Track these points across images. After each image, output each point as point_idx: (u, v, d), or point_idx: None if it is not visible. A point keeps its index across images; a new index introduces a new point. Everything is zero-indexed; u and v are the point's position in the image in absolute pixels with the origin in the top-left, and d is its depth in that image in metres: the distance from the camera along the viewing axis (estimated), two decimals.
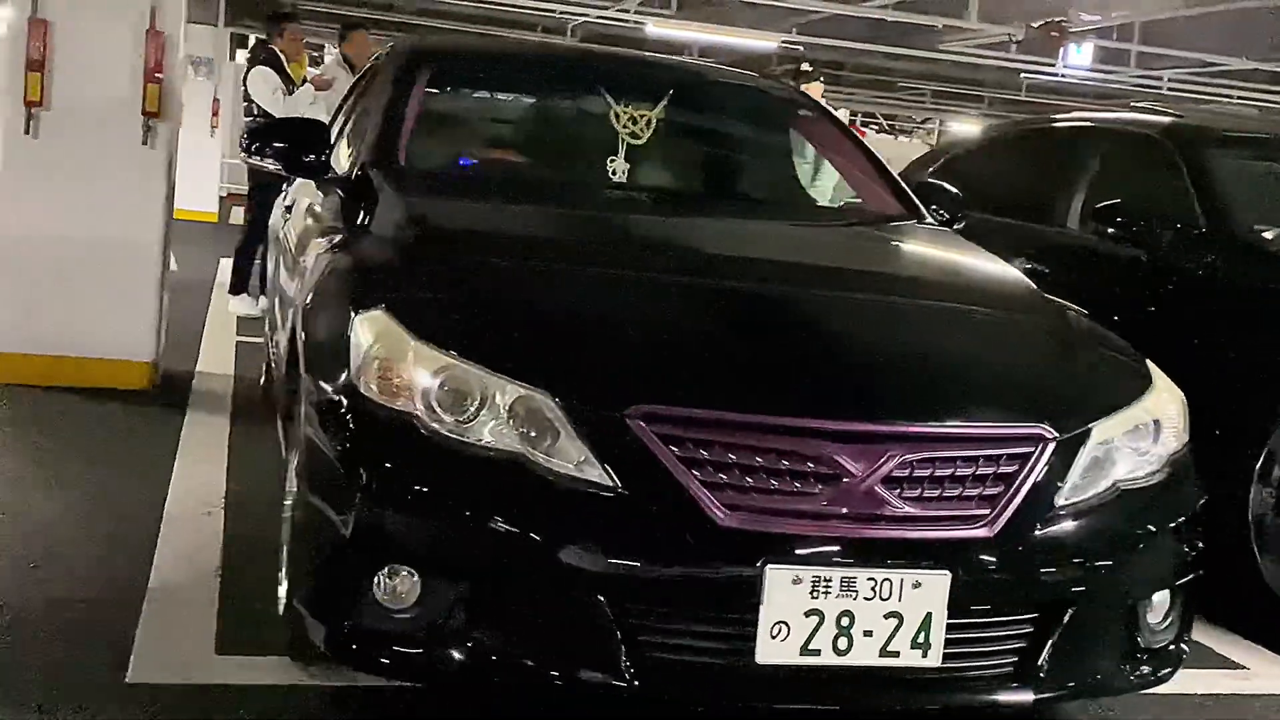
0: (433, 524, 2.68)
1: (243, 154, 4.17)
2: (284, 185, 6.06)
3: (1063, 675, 2.83)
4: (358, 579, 2.70)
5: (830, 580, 2.62)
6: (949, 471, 2.71)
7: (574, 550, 2.61)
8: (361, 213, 3.59)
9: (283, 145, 3.98)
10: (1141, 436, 2.98)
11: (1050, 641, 2.80)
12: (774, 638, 2.61)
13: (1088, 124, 6.06)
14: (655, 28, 14.19)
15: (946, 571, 2.67)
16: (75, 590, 3.56)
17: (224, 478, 4.72)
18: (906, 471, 2.68)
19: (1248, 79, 16.30)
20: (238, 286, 8.62)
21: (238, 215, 14.65)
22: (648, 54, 5.62)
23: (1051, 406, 2.88)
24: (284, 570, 3.28)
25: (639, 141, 4.23)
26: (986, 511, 2.72)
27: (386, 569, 2.69)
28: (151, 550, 3.90)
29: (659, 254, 3.52)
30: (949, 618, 2.68)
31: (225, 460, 4.96)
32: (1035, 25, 13.57)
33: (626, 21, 14.85)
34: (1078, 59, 14.75)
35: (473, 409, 2.70)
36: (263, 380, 6.01)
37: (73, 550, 3.85)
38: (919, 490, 2.69)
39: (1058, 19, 13.44)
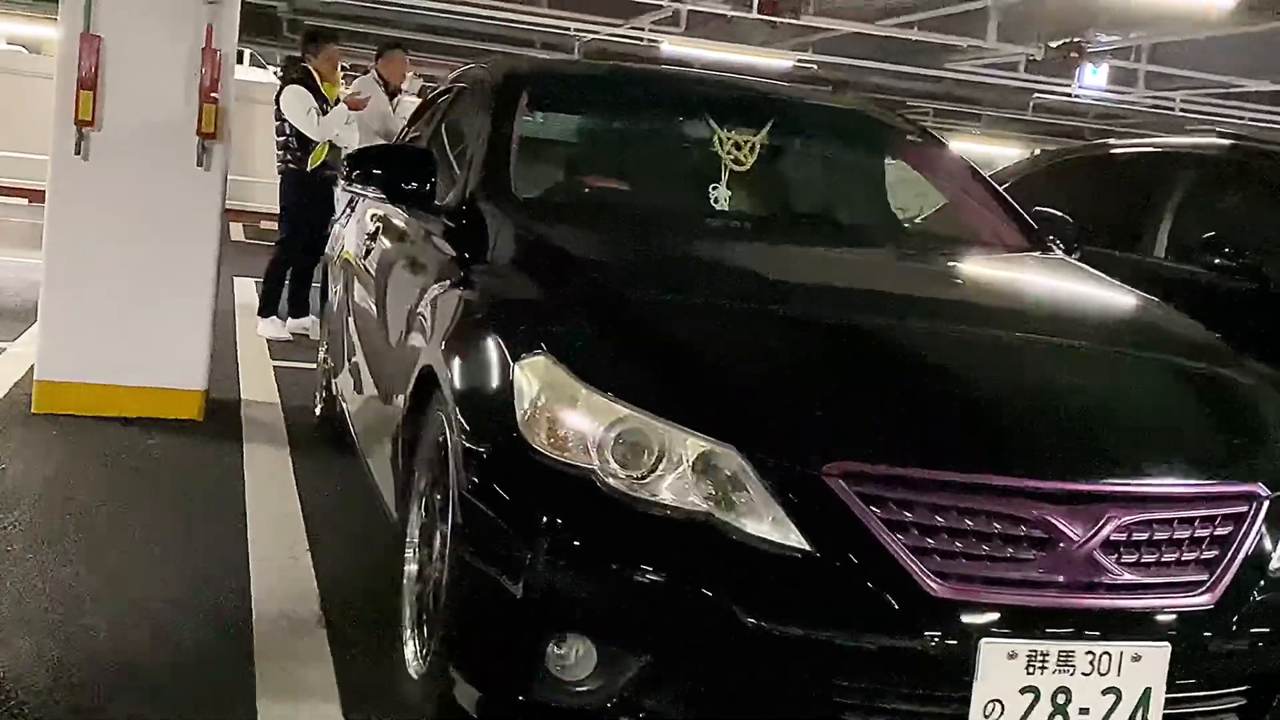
0: (612, 588, 2.47)
1: (343, 181, 3.97)
2: (342, 207, 5.90)
3: None
4: (527, 646, 2.51)
5: (1047, 654, 2.42)
6: (1167, 535, 2.53)
7: (768, 620, 2.40)
8: (485, 246, 3.39)
9: (387, 172, 3.77)
10: None
11: (1270, 713, 2.61)
12: (987, 716, 2.41)
13: (1170, 150, 5.89)
14: (670, 46, 14.01)
15: (1167, 643, 2.48)
16: (183, 647, 3.34)
17: (300, 516, 4.50)
18: (1124, 535, 2.49)
19: (1261, 101, 16.26)
20: (267, 309, 8.38)
21: (237, 231, 14.45)
22: (749, 79, 5.43)
23: (1260, 462, 2.70)
24: (410, 629, 3.09)
25: (743, 168, 4.02)
26: (1205, 577, 2.53)
27: (558, 636, 2.49)
28: (247, 601, 3.68)
29: (816, 291, 3.31)
30: (1167, 692, 2.49)
31: (296, 496, 4.74)
32: (1054, 45, 13.48)
33: (639, 39, 14.69)
34: (1093, 80, 14.65)
35: (651, 464, 2.50)
36: (319, 409, 5.80)
37: (166, 601, 3.62)
38: (1136, 555, 2.50)
39: (1076, 39, 13.35)
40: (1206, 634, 2.52)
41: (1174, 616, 2.50)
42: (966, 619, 2.40)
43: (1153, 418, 2.80)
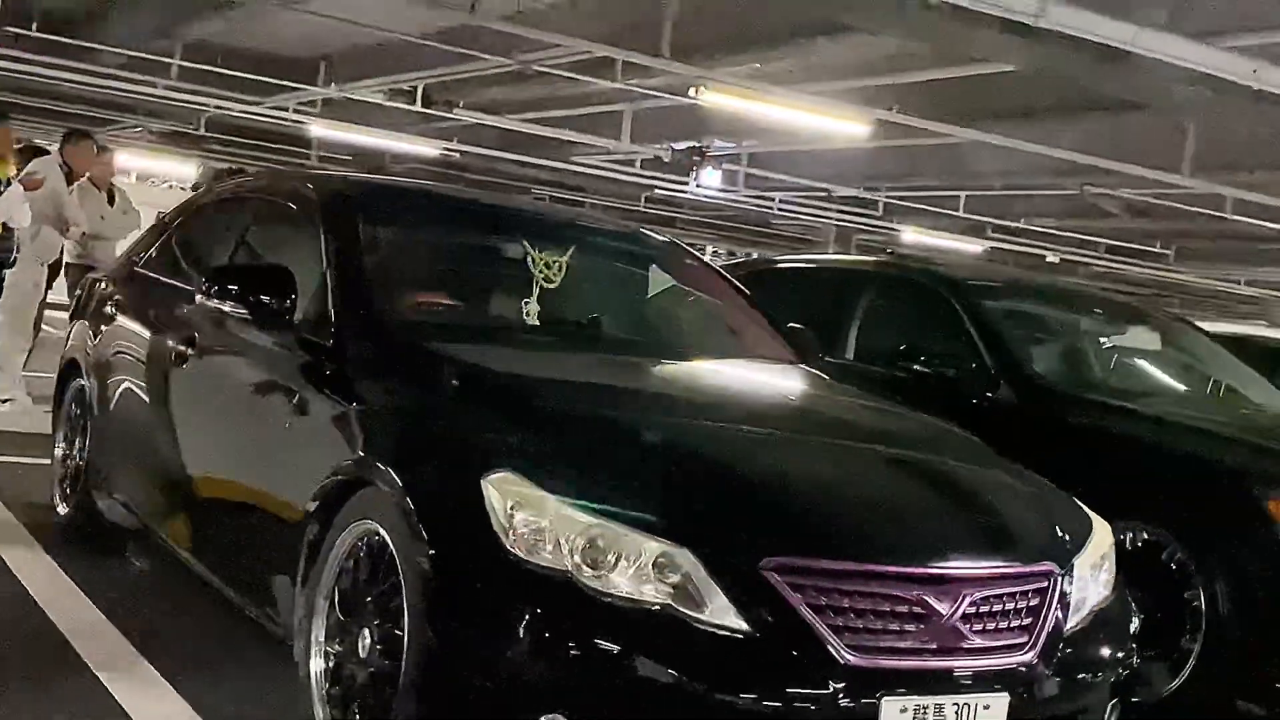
0: (588, 670, 2.88)
1: (200, 295, 4.11)
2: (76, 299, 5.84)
3: None
4: None
5: (926, 708, 3.04)
6: (1000, 606, 3.21)
7: (718, 691, 2.90)
8: (378, 363, 3.70)
9: (248, 290, 3.98)
10: (1100, 567, 3.59)
11: None
12: None
13: (855, 267, 6.85)
14: (320, 129, 14.18)
15: (1006, 693, 3.15)
16: None
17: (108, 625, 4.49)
18: (974, 608, 3.16)
19: (843, 203, 18.26)
20: None
21: None
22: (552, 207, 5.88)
23: (1049, 546, 3.45)
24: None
25: (552, 285, 4.49)
26: (1026, 639, 3.23)
27: (541, 715, 2.86)
28: None
29: (694, 400, 3.91)
30: None
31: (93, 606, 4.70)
32: (680, 148, 14.73)
33: (284, 120, 14.77)
34: (709, 179, 16.02)
35: (615, 562, 2.94)
36: (64, 508, 5.67)
37: None
38: (982, 624, 3.17)
39: (701, 145, 14.65)
40: (1031, 683, 3.22)
41: (1008, 671, 3.18)
42: (872, 683, 2.98)
43: (977, 513, 3.49)
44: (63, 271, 9.61)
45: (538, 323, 4.37)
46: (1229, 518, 4.70)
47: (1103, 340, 6.35)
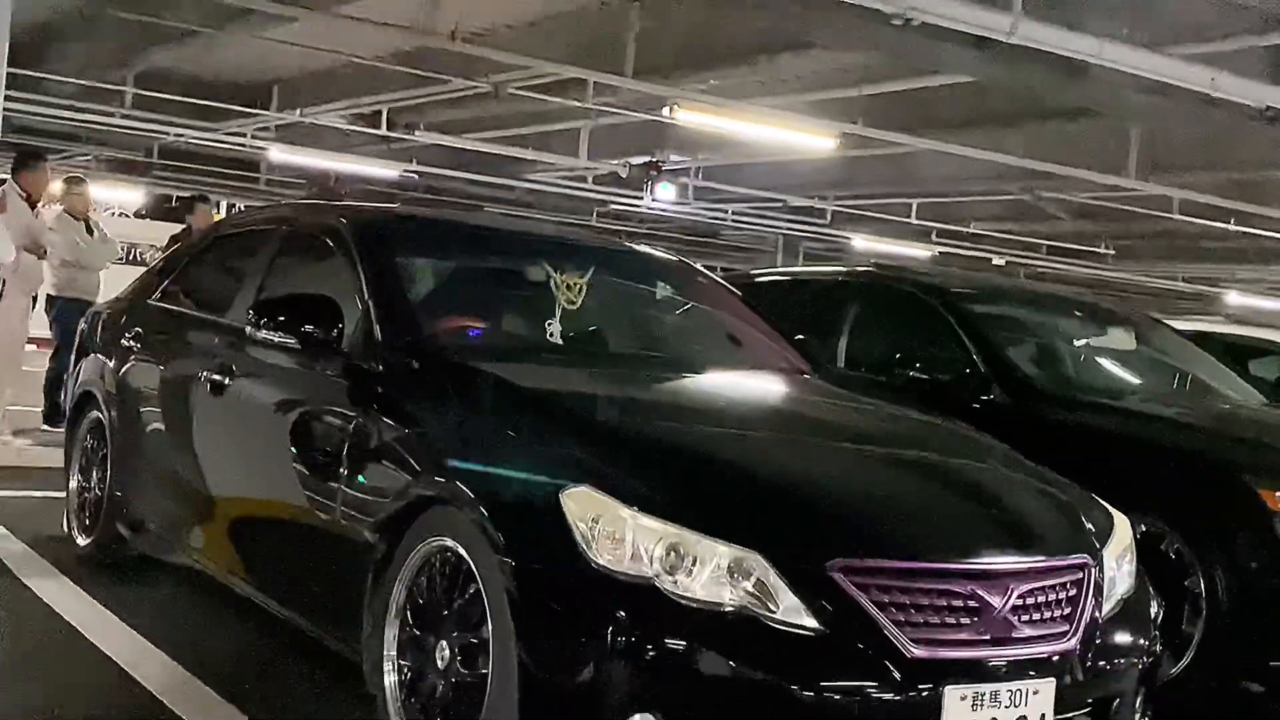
0: (675, 673, 3.06)
1: (250, 328, 4.24)
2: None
3: None
4: None
5: (983, 695, 3.24)
6: (1044, 598, 3.42)
7: (795, 685, 3.08)
8: (432, 389, 3.86)
9: (296, 321, 4.12)
10: (1123, 558, 3.81)
11: None
12: None
13: (841, 277, 7.08)
14: (278, 153, 14.23)
15: (1052, 679, 3.36)
16: None
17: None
18: (1021, 600, 3.36)
19: (794, 213, 18.57)
20: None
21: None
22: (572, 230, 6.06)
23: (1080, 539, 3.66)
24: None
25: (574, 306, 4.67)
26: (1067, 628, 3.44)
27: (634, 717, 3.04)
28: None
29: (739, 412, 4.13)
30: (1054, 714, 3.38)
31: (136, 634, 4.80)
32: (637, 164, 14.95)
33: (241, 145, 14.80)
34: (664, 193, 16.25)
35: (693, 568, 3.12)
36: (84, 539, 5.74)
37: None
38: (1029, 615, 3.38)
39: (656, 159, 14.87)
40: (1074, 669, 3.43)
41: (1054, 658, 3.39)
42: (935, 673, 3.18)
43: (1015, 511, 3.71)
44: (42, 303, 9.61)
45: (560, 342, 4.55)
46: (1224, 509, 4.96)
47: (1083, 341, 6.61)
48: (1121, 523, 3.94)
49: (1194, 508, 4.99)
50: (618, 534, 3.14)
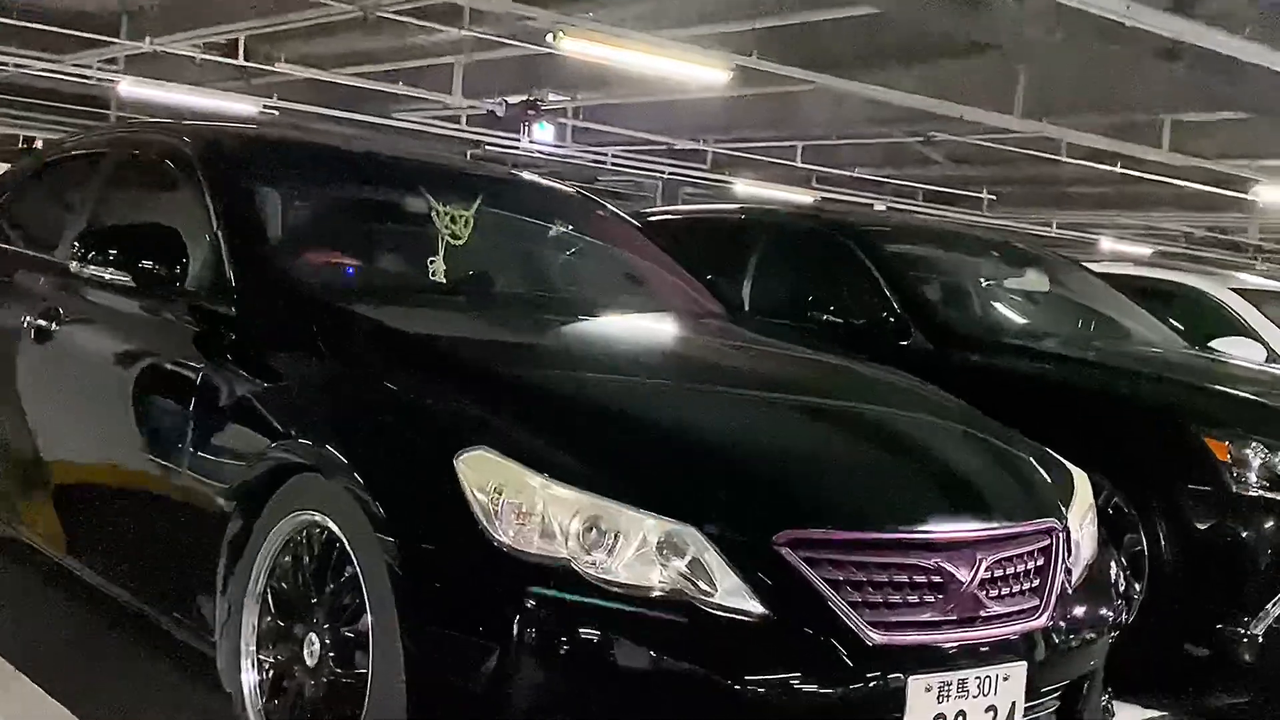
0: (598, 669, 2.54)
1: (76, 264, 3.58)
2: None
3: None
4: None
5: (950, 684, 2.79)
6: (1012, 569, 2.97)
7: (738, 682, 2.59)
8: (297, 336, 3.26)
9: (131, 255, 3.48)
10: (1087, 519, 3.40)
11: (1079, 711, 3.14)
12: None
13: (745, 216, 6.59)
14: (129, 87, 13.26)
15: (1024, 661, 2.92)
16: None
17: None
18: (989, 574, 2.91)
19: (675, 157, 18.06)
20: None
21: None
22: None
23: (1045, 501, 3.23)
24: None
25: (460, 242, 4.09)
26: (1037, 603, 3.01)
27: None
28: None
29: (661, 362, 3.55)
30: (1025, 703, 2.94)
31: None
32: (514, 103, 14.27)
33: (87, 79, 13.78)
34: (541, 134, 15.59)
35: (616, 545, 2.60)
36: None
37: None
38: (998, 590, 2.93)
39: (534, 98, 14.21)
40: (1045, 648, 3.00)
41: (1025, 639, 2.95)
42: (898, 662, 2.71)
43: (975, 472, 3.25)
44: None
45: (445, 281, 3.96)
46: (1167, 458, 4.59)
47: (1001, 282, 6.23)
48: (1081, 480, 3.53)
49: (1134, 459, 4.62)
50: (525, 506, 2.60)
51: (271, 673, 2.99)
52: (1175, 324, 6.37)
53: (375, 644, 2.68)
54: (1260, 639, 4.36)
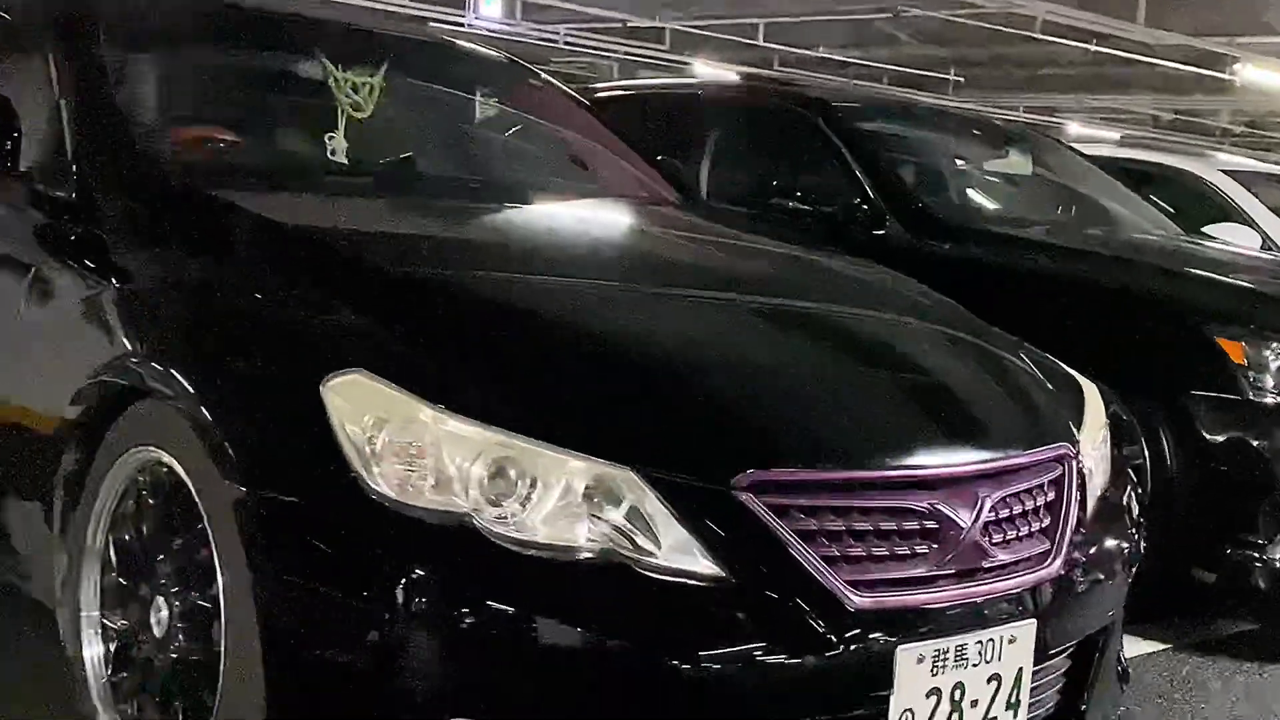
0: (503, 656, 2.00)
1: None
2: None
3: (1100, 711, 2.69)
4: None
5: (947, 652, 2.27)
6: (1019, 508, 2.45)
7: (687, 661, 2.06)
8: (148, 227, 2.66)
9: None
10: (1100, 439, 2.87)
11: (1094, 673, 2.64)
12: None
13: (702, 93, 5.95)
14: None
15: (1033, 620, 2.41)
16: None
17: None
18: (993, 514, 2.38)
19: (630, 36, 17.25)
20: None
21: None
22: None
23: (1055, 422, 2.69)
24: None
25: (361, 113, 3.47)
26: (1048, 546, 2.48)
27: None
28: None
29: (592, 260, 2.92)
30: (1033, 667, 2.43)
31: None
32: None
33: None
34: (488, 10, 14.76)
35: (530, 494, 2.05)
36: None
37: None
38: (1003, 534, 2.40)
39: None
40: (1057, 601, 2.48)
41: (1034, 592, 2.43)
42: (885, 629, 2.19)
43: (975, 390, 2.69)
44: None
45: (346, 162, 3.34)
46: (1173, 361, 4.07)
47: (981, 165, 5.65)
48: (1092, 394, 3.00)
49: (1137, 363, 4.09)
50: (413, 445, 2.04)
51: (116, 642, 2.44)
52: (1164, 209, 5.84)
53: (228, 615, 2.12)
54: (1277, 563, 3.88)
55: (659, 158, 4.11)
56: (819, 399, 2.40)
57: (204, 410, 2.18)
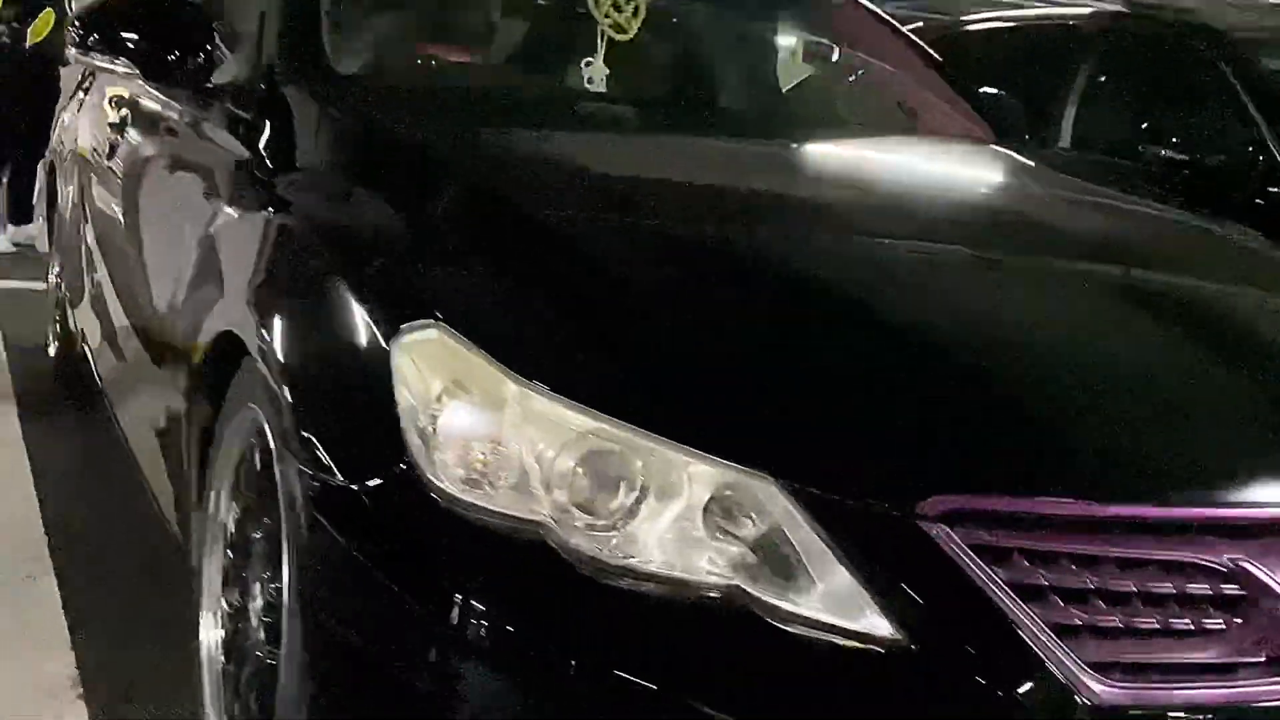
0: (593, 710, 1.50)
1: (73, 48, 2.78)
2: (73, 86, 4.66)
3: None
4: None
5: None
6: None
7: None
8: (299, 147, 2.32)
9: (140, 37, 2.62)
10: None
11: None
12: None
13: (1075, 22, 5.16)
14: None
15: None
16: None
17: (38, 517, 3.32)
18: None
19: None
20: None
21: None
22: None
23: None
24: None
25: (625, 35, 3.00)
26: None
27: None
28: None
29: (816, 218, 2.31)
30: None
31: (32, 486, 3.53)
32: None
33: None
34: None
35: (636, 505, 1.53)
36: (54, 346, 4.58)
37: None
38: None
39: None
40: None
41: None
42: None
43: None
44: None
45: (603, 91, 2.91)
46: None
47: None
48: None
49: None
50: (484, 427, 1.56)
51: (230, 630, 2.12)
52: None
53: (287, 610, 1.74)
54: None
55: (984, 90, 3.45)
56: (1080, 409, 1.71)
57: (282, 373, 1.79)
